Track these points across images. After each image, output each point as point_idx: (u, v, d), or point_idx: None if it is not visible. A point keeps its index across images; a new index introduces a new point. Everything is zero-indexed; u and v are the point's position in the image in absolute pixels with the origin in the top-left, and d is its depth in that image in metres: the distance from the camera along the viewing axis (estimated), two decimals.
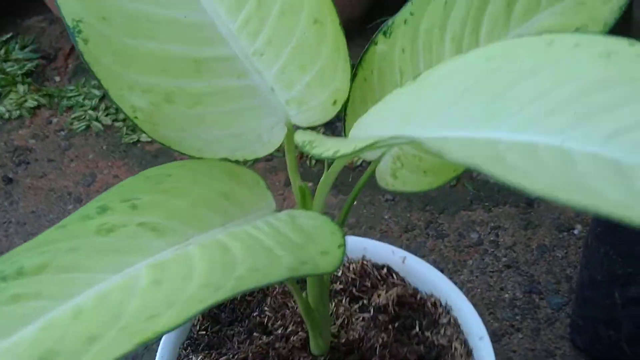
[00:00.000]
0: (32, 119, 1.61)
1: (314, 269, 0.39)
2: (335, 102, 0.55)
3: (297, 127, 0.56)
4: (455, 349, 0.74)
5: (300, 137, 0.48)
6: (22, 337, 0.36)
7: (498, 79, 0.44)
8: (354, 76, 0.60)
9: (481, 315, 1.07)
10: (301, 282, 0.75)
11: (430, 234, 1.23)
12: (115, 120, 1.59)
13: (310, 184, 1.36)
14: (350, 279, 0.82)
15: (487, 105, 0.41)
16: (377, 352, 0.71)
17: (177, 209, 0.44)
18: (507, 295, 1.11)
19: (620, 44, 0.40)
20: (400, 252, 0.83)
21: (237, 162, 0.55)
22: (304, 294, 0.64)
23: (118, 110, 1.48)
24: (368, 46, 0.60)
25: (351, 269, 0.83)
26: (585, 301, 0.99)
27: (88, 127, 1.58)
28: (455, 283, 1.13)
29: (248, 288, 0.37)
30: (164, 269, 0.40)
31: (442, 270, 1.15)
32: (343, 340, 0.73)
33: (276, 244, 0.41)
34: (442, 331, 0.76)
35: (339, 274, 0.82)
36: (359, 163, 1.37)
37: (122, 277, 0.39)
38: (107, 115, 1.60)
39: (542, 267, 1.16)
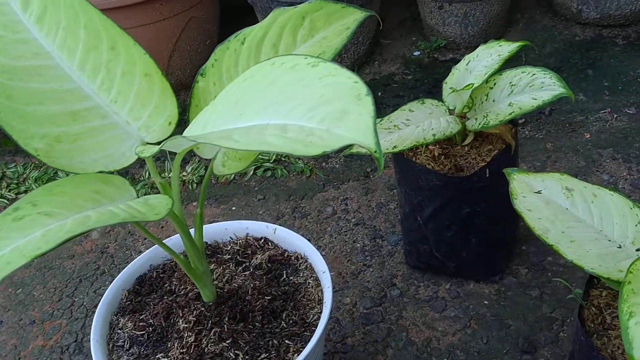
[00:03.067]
0: None
1: (143, 218, 0.61)
2: (170, 123, 0.76)
3: (149, 143, 0.77)
4: (309, 283, 0.95)
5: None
6: None
7: (247, 90, 0.66)
8: (190, 104, 0.82)
9: (340, 262, 1.31)
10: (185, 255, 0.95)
11: (296, 216, 1.45)
12: (18, 193, 1.67)
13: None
14: (235, 250, 1.02)
15: (239, 109, 0.64)
16: (250, 292, 0.92)
17: (62, 203, 0.64)
18: (358, 245, 1.35)
19: (300, 59, 0.63)
20: (272, 226, 1.04)
21: (111, 172, 0.76)
22: (182, 256, 0.85)
23: (18, 184, 1.60)
24: (194, 84, 0.82)
25: (237, 243, 1.03)
26: (406, 231, 1.23)
27: None
28: (320, 247, 1.37)
29: (96, 227, 0.59)
30: (49, 230, 0.60)
31: (309, 240, 1.39)
32: (226, 290, 0.94)
33: (121, 211, 0.62)
34: (301, 274, 0.97)
35: (228, 248, 1.03)
36: (232, 178, 1.59)
37: (27, 238, 0.59)
38: (9, 190, 1.69)
39: (381, 218, 1.40)
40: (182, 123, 0.74)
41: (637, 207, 0.74)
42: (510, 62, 1.80)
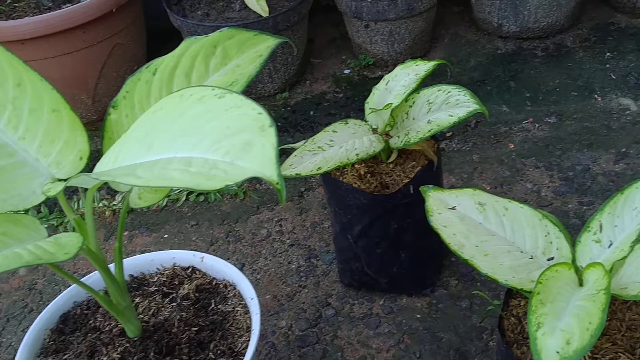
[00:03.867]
0: None
1: (51, 259, 0.60)
2: (81, 158, 0.75)
3: (61, 180, 0.75)
4: (237, 311, 0.94)
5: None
6: None
7: (157, 122, 0.66)
8: (103, 138, 0.81)
9: (275, 285, 1.31)
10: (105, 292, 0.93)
11: (230, 240, 1.44)
12: None
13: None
14: (162, 281, 1.01)
15: (148, 142, 0.63)
16: (177, 324, 0.91)
17: None
18: (293, 266, 1.35)
19: (208, 91, 0.63)
20: (200, 254, 1.03)
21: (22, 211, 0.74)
22: (101, 293, 0.83)
23: None
24: (105, 116, 0.81)
25: (164, 274, 1.02)
26: (338, 249, 1.24)
27: None
28: (255, 270, 1.36)
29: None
30: None
31: (243, 264, 1.38)
32: (152, 323, 0.92)
33: (27, 253, 0.61)
34: (229, 302, 0.97)
35: (155, 279, 1.02)
36: (164, 204, 1.56)
37: None
38: None
39: (316, 237, 1.41)
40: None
41: (546, 219, 0.77)
42: (436, 78, 1.85)
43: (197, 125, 0.61)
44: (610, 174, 1.44)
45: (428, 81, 1.82)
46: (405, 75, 1.08)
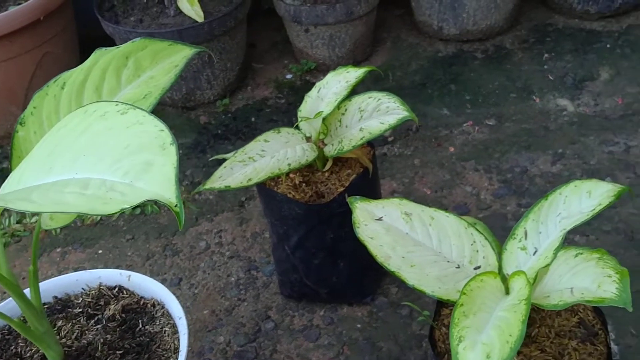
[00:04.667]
0: None
1: None
2: None
3: None
4: (165, 331, 0.91)
5: None
6: None
7: (60, 140, 0.63)
8: (11, 156, 0.76)
9: (214, 299, 1.28)
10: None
11: (167, 254, 1.40)
12: None
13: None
14: (87, 302, 0.97)
15: (50, 162, 0.60)
16: (100, 348, 0.87)
17: None
18: (233, 279, 1.32)
19: (111, 107, 0.60)
20: (126, 273, 1.00)
21: None
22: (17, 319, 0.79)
23: None
24: (13, 133, 0.77)
25: (90, 295, 0.98)
26: (277, 261, 1.22)
27: None
28: (192, 284, 1.33)
29: None
30: None
31: (180, 279, 1.34)
32: (75, 348, 0.88)
33: None
34: (157, 322, 0.93)
35: (80, 300, 0.97)
36: (98, 219, 1.51)
37: None
38: None
39: (256, 248, 1.38)
40: None
41: (471, 227, 0.77)
42: (378, 82, 1.85)
43: (98, 144, 0.58)
44: (547, 175, 1.45)
45: (370, 85, 1.84)
46: (337, 82, 1.07)
